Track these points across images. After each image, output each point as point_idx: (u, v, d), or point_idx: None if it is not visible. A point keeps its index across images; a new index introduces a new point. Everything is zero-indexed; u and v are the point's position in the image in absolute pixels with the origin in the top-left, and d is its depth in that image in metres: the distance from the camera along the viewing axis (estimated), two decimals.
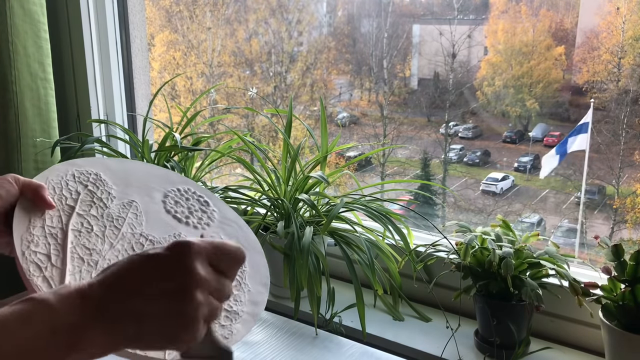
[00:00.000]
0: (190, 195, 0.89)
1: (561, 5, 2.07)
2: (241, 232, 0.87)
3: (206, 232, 0.84)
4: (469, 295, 1.07)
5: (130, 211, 0.81)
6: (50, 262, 0.70)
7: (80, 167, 0.84)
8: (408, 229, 1.24)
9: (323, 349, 1.09)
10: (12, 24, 1.41)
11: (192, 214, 0.86)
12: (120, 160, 0.91)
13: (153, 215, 0.83)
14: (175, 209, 0.85)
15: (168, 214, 0.84)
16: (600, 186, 1.95)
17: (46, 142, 1.50)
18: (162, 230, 0.81)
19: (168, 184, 0.89)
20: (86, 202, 0.80)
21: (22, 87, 1.45)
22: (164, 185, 0.89)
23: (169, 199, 0.87)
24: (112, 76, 1.70)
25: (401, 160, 2.49)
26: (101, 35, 1.67)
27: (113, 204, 0.81)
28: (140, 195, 0.84)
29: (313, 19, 2.67)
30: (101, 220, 0.78)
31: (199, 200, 0.89)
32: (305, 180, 1.25)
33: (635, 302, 0.96)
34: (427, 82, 2.40)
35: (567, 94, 2.05)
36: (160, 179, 0.90)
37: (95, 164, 0.86)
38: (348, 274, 1.17)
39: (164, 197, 0.87)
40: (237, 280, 0.78)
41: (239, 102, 2.71)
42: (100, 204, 0.80)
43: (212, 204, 0.89)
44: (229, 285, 0.60)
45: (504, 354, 1.07)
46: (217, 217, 0.87)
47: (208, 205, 0.88)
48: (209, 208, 0.88)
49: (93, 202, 0.80)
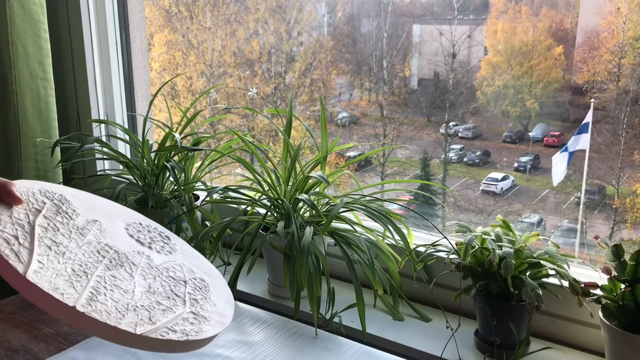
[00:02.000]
0: (152, 230, 0.91)
1: (561, 5, 2.06)
2: (202, 262, 0.90)
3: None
4: (469, 295, 1.07)
5: (94, 227, 0.83)
6: (17, 241, 0.71)
7: (45, 186, 0.85)
8: (408, 229, 1.24)
9: (323, 349, 1.09)
10: (12, 24, 1.41)
11: (154, 242, 0.88)
12: (81, 191, 0.92)
13: (117, 235, 0.84)
14: (138, 236, 0.87)
15: (131, 238, 0.86)
16: (600, 186, 1.94)
17: (46, 142, 1.50)
18: (128, 246, 0.83)
19: (129, 217, 0.91)
20: (52, 210, 0.81)
21: (22, 87, 1.45)
22: (125, 217, 0.91)
23: (131, 227, 0.89)
24: (112, 76, 1.70)
25: (401, 160, 2.49)
26: (101, 35, 1.68)
27: (78, 219, 0.82)
28: (104, 219, 0.86)
29: (312, 19, 2.67)
30: (67, 226, 0.79)
31: (161, 234, 0.91)
32: (305, 180, 1.25)
33: (635, 302, 0.96)
34: (427, 82, 2.40)
35: (567, 94, 2.05)
36: (122, 212, 0.92)
37: (59, 187, 0.87)
38: (348, 274, 1.17)
39: (126, 226, 0.88)
40: (202, 295, 0.81)
41: (239, 102, 2.71)
42: (66, 215, 0.81)
43: (173, 239, 0.91)
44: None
45: (504, 354, 1.07)
46: (179, 249, 0.90)
47: (169, 239, 0.91)
48: (170, 242, 0.90)
49: (59, 212, 0.81)
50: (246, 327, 1.16)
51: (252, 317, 1.19)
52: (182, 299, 0.78)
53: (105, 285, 0.72)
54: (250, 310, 1.22)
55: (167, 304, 0.75)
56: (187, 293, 0.80)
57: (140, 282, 0.77)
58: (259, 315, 1.20)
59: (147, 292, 0.76)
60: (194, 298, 0.79)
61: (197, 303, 0.78)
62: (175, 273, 0.83)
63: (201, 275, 0.86)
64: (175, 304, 0.76)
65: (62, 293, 0.66)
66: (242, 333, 1.14)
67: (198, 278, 0.84)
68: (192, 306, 0.77)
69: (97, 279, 0.72)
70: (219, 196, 1.31)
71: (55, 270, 0.70)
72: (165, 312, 0.73)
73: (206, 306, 0.79)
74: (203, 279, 0.85)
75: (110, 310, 0.68)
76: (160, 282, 0.79)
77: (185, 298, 0.78)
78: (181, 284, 0.81)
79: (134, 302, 0.71)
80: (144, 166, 1.40)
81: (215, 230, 1.24)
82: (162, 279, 0.80)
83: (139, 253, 0.83)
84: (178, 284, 0.81)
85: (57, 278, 0.69)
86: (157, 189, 1.40)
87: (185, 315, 0.74)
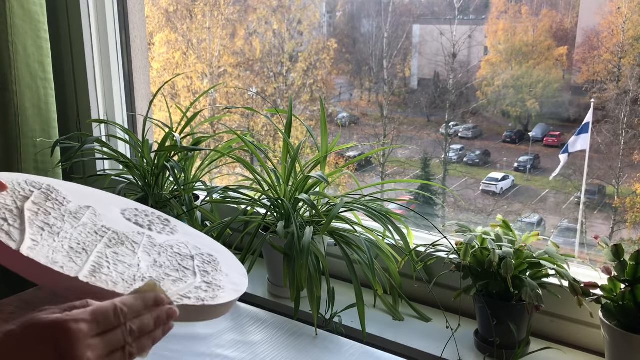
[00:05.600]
0: (150, 214, 0.86)
1: (561, 5, 2.06)
2: (207, 240, 0.85)
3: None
4: (469, 295, 1.07)
5: (88, 211, 0.77)
6: (7, 222, 0.66)
7: (30, 177, 0.80)
8: (408, 229, 1.24)
9: (323, 349, 1.09)
10: (12, 24, 1.41)
11: (153, 224, 0.83)
12: (68, 182, 0.86)
13: (113, 219, 0.79)
14: (136, 219, 0.82)
15: (129, 221, 0.81)
16: (600, 186, 1.94)
17: (46, 142, 1.50)
18: (127, 227, 0.78)
19: (123, 204, 0.86)
20: (41, 197, 0.75)
21: (22, 87, 1.45)
22: (119, 204, 0.86)
23: (127, 212, 0.84)
24: (112, 76, 1.70)
25: (401, 160, 2.49)
26: (101, 35, 1.67)
27: (70, 205, 0.77)
28: (97, 205, 0.80)
29: (313, 19, 2.67)
30: (58, 211, 0.74)
31: (159, 217, 0.86)
32: (305, 180, 1.25)
33: (635, 302, 0.96)
34: (427, 82, 2.40)
35: (567, 94, 2.05)
36: (115, 199, 0.87)
37: (45, 179, 0.82)
38: (348, 274, 1.17)
39: (122, 211, 0.83)
40: (212, 267, 0.76)
41: (239, 102, 2.71)
42: (56, 202, 0.76)
43: (173, 221, 0.87)
44: (142, 321, 0.57)
45: (504, 354, 1.07)
46: (181, 230, 0.85)
47: (169, 222, 0.86)
48: (170, 224, 0.86)
49: (48, 199, 0.76)
50: (246, 327, 1.16)
51: (252, 317, 1.19)
52: (191, 271, 0.73)
53: (108, 260, 0.67)
54: (250, 310, 1.22)
55: (177, 276, 0.70)
56: (195, 266, 0.75)
57: (145, 257, 0.72)
58: (259, 315, 1.20)
59: (154, 265, 0.71)
60: (204, 270, 0.74)
61: (207, 274, 0.74)
62: (181, 249, 0.78)
63: (208, 251, 0.81)
64: (185, 275, 0.71)
65: (62, 266, 0.62)
66: (242, 333, 1.14)
67: (205, 253, 0.79)
68: (204, 277, 0.72)
69: (97, 255, 0.67)
70: (219, 196, 1.31)
71: (51, 247, 0.65)
72: (176, 282, 0.69)
73: (218, 276, 0.74)
74: (211, 254, 0.80)
75: (116, 281, 0.63)
76: (166, 257, 0.74)
77: (195, 270, 0.74)
78: (188, 259, 0.76)
79: (140, 274, 0.66)
80: (144, 166, 1.40)
81: (215, 230, 1.24)
82: (168, 254, 0.75)
83: (139, 234, 0.78)
84: (185, 259, 0.76)
85: (54, 254, 0.64)
86: (157, 189, 1.40)
87: (197, 285, 0.70)
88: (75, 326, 0.52)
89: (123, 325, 0.56)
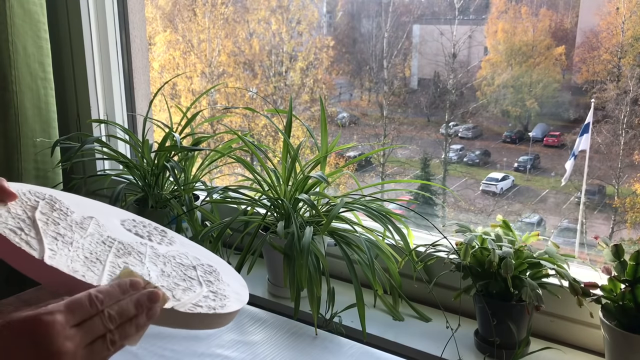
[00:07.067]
0: (147, 225, 0.90)
1: (561, 5, 2.06)
2: (204, 252, 0.89)
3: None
4: (469, 295, 1.07)
5: (92, 222, 0.81)
6: (23, 232, 0.68)
7: (33, 188, 0.83)
8: (408, 229, 1.24)
9: (323, 349, 1.09)
10: (12, 24, 1.41)
11: (152, 235, 0.87)
12: (67, 193, 0.89)
13: (115, 229, 0.83)
14: (136, 230, 0.86)
15: (129, 232, 0.85)
16: (600, 186, 1.95)
17: (46, 142, 1.50)
18: (129, 238, 0.81)
19: (121, 215, 0.90)
20: (47, 207, 0.78)
21: (22, 87, 1.45)
22: (117, 215, 0.89)
23: (127, 223, 0.87)
24: (112, 76, 1.70)
25: (401, 160, 2.49)
26: (101, 35, 1.67)
27: (74, 215, 0.80)
28: (98, 215, 0.84)
29: (313, 19, 2.67)
30: (65, 221, 0.77)
31: (156, 229, 0.90)
32: (305, 180, 1.25)
33: (635, 302, 0.96)
34: (427, 82, 2.40)
35: (566, 93, 2.05)
36: (113, 210, 0.90)
37: (46, 189, 0.85)
38: (348, 274, 1.17)
39: (121, 222, 0.87)
40: (214, 277, 0.80)
41: (239, 102, 2.71)
42: (61, 212, 0.79)
43: (169, 233, 0.90)
44: (121, 306, 0.58)
45: (504, 354, 1.07)
46: (178, 241, 0.89)
47: (166, 233, 0.89)
48: (167, 235, 0.89)
49: (53, 209, 0.79)
50: (246, 327, 1.16)
51: (252, 317, 1.19)
52: (197, 280, 0.77)
53: (121, 269, 0.71)
54: (250, 310, 1.22)
55: (185, 285, 0.75)
56: (199, 276, 0.79)
57: (153, 267, 0.76)
58: (259, 315, 1.20)
59: (162, 275, 0.75)
60: (207, 280, 0.79)
61: (212, 284, 0.78)
62: (182, 260, 0.82)
63: (207, 262, 0.85)
64: (192, 285, 0.75)
65: (83, 275, 0.65)
66: (242, 333, 1.14)
67: (205, 264, 0.84)
68: (209, 286, 0.77)
69: (111, 264, 0.71)
70: (219, 196, 1.31)
71: (68, 257, 0.68)
72: (186, 291, 0.73)
73: (221, 286, 0.79)
74: (210, 265, 0.84)
75: None
76: (171, 267, 0.78)
77: (200, 280, 0.78)
78: (191, 269, 0.80)
79: (153, 283, 0.69)
80: (144, 166, 1.40)
81: (215, 230, 1.24)
82: (172, 265, 0.79)
83: (141, 244, 0.82)
84: (188, 269, 0.80)
85: (72, 263, 0.67)
86: (157, 189, 1.40)
87: (205, 294, 0.74)
88: (50, 318, 0.52)
89: (101, 313, 0.56)
